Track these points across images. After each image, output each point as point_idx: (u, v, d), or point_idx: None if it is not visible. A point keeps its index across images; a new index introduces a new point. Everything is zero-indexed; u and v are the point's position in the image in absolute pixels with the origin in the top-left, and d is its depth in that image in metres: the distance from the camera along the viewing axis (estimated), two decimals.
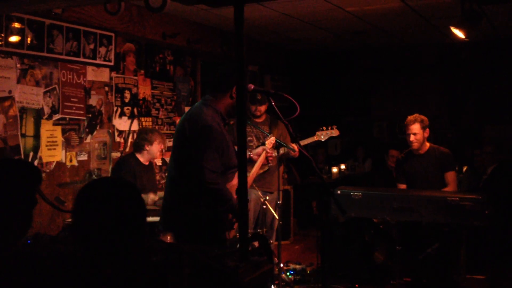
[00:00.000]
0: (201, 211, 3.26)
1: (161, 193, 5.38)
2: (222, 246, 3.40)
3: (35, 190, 2.05)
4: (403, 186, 5.18)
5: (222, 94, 3.34)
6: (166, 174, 3.57)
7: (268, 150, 3.96)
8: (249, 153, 3.91)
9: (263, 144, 5.40)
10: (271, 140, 4.28)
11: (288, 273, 5.28)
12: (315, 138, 5.20)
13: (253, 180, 5.17)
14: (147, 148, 4.85)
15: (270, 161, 3.99)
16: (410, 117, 5.09)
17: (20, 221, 1.99)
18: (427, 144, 5.12)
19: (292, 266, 5.51)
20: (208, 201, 3.24)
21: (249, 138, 5.47)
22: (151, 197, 4.85)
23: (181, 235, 3.18)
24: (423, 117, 5.07)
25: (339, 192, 4.71)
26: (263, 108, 5.45)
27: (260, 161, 3.83)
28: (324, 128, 5.27)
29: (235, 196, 3.38)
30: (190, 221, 3.27)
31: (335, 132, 5.22)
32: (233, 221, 3.48)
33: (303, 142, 4.85)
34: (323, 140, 5.30)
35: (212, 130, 3.21)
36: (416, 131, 5.01)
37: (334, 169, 8.26)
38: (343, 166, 8.53)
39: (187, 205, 3.28)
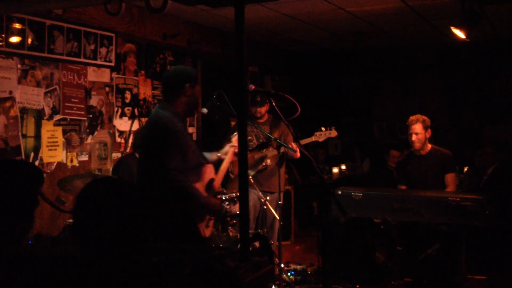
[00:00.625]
0: (169, 211, 3.28)
1: None
2: (202, 244, 3.41)
3: (37, 191, 2.05)
4: (403, 187, 5.18)
5: (175, 96, 3.40)
6: None
7: (235, 145, 3.97)
8: (218, 154, 3.95)
9: (263, 145, 5.42)
10: (237, 137, 4.27)
11: (288, 274, 5.28)
12: (313, 139, 5.19)
13: (253, 180, 5.20)
14: None
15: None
16: (412, 117, 5.09)
17: (22, 222, 1.99)
18: (429, 145, 5.12)
19: (292, 266, 5.51)
20: (175, 200, 3.27)
21: (249, 137, 5.48)
22: None
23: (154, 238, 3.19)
24: (425, 117, 5.07)
25: (339, 192, 4.70)
26: (263, 109, 5.47)
27: (228, 158, 3.86)
28: (323, 129, 5.26)
29: (205, 194, 3.43)
30: (160, 222, 3.28)
31: (333, 133, 5.21)
32: (207, 218, 3.49)
33: (301, 143, 4.85)
34: (320, 141, 5.28)
35: (171, 131, 3.27)
36: (418, 131, 5.01)
37: (335, 170, 8.26)
38: (343, 167, 8.53)
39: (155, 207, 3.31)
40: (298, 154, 5.11)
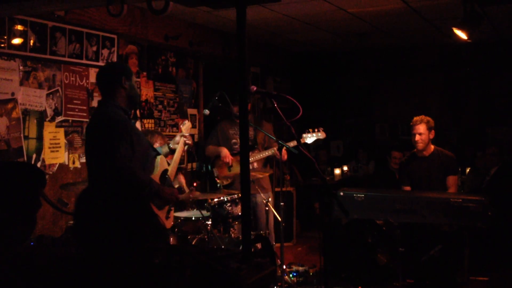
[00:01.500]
0: (122, 201, 3.25)
1: None
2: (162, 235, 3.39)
3: (39, 193, 2.05)
4: (407, 188, 5.18)
5: (113, 90, 3.40)
6: None
7: (186, 135, 3.98)
8: (169, 144, 3.96)
9: (250, 147, 5.41)
10: (187, 126, 4.29)
11: (290, 275, 5.27)
12: (301, 141, 5.17)
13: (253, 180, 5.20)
14: None
15: (189, 145, 4.03)
16: (416, 118, 5.09)
17: (24, 224, 1.99)
18: (432, 147, 5.12)
19: (294, 267, 5.50)
20: (125, 189, 3.20)
21: (233, 140, 5.46)
22: None
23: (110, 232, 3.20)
24: (429, 118, 5.07)
25: (341, 193, 4.70)
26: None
27: (180, 148, 3.89)
28: (310, 130, 5.22)
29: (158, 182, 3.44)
30: (115, 214, 3.27)
31: (321, 135, 5.19)
32: (166, 209, 3.49)
33: (289, 145, 4.82)
34: (309, 143, 5.26)
35: (115, 121, 3.26)
36: (422, 131, 5.01)
37: (337, 171, 8.26)
38: (345, 168, 8.53)
39: (106, 199, 3.28)
40: (285, 157, 5.09)
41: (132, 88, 3.46)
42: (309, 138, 5.20)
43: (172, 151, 4.03)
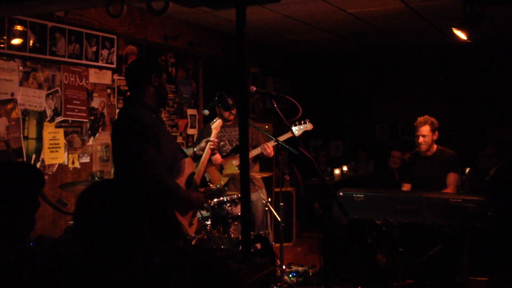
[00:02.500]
0: (147, 207, 3.19)
1: None
2: (185, 242, 3.35)
3: (37, 193, 2.05)
4: (407, 186, 5.17)
5: (141, 87, 3.28)
6: None
7: (211, 140, 3.88)
8: (194, 149, 3.88)
9: (238, 148, 5.41)
10: (217, 124, 4.22)
11: (290, 275, 5.27)
12: (289, 134, 5.16)
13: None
14: None
15: (214, 152, 3.96)
16: (420, 119, 5.07)
17: (23, 224, 1.99)
18: (434, 146, 5.12)
19: (294, 268, 5.51)
20: (151, 195, 3.10)
21: (222, 143, 5.45)
22: None
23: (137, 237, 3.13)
24: (433, 119, 5.04)
25: (341, 194, 4.70)
26: (235, 110, 5.40)
27: (205, 153, 3.79)
28: (297, 123, 5.20)
29: (185, 188, 3.33)
30: (139, 220, 3.20)
31: (309, 126, 5.17)
32: (190, 215, 3.41)
33: (281, 139, 4.81)
34: (297, 135, 5.23)
35: (142, 123, 3.14)
36: (426, 133, 5.00)
37: (336, 171, 8.26)
38: (345, 168, 8.53)
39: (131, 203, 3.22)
40: (272, 154, 5.11)
41: (162, 86, 3.32)
42: (297, 131, 5.18)
43: (196, 157, 3.91)
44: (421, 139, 5.01)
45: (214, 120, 4.62)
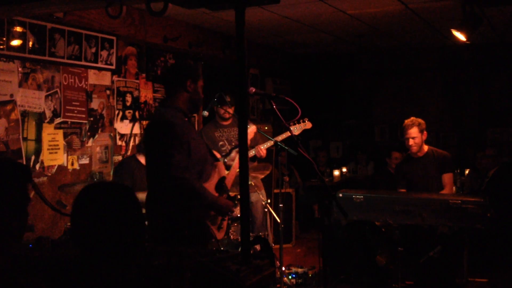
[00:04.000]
0: (175, 210, 3.18)
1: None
2: (217, 247, 3.36)
3: (26, 187, 2.06)
4: (402, 191, 5.18)
5: (176, 93, 3.32)
6: None
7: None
8: (225, 160, 3.89)
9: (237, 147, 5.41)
10: (251, 130, 4.21)
11: (290, 277, 5.27)
12: (288, 133, 5.16)
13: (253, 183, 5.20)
14: None
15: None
16: (407, 121, 5.11)
17: (16, 220, 2.00)
18: (425, 147, 5.15)
19: (294, 269, 5.50)
20: (178, 198, 3.16)
21: (220, 143, 5.45)
22: (139, 196, 4.86)
23: (163, 241, 3.11)
24: (420, 120, 5.09)
25: (340, 195, 4.70)
26: (232, 110, 5.40)
27: (236, 163, 3.76)
28: (296, 122, 5.20)
29: (215, 193, 3.34)
30: (167, 223, 3.19)
31: (308, 125, 5.18)
32: (219, 220, 3.41)
33: (279, 138, 4.81)
34: (296, 133, 5.22)
35: (172, 126, 3.18)
36: (415, 135, 5.03)
37: (336, 172, 8.26)
38: (344, 169, 8.53)
39: (161, 207, 3.20)
40: (264, 153, 5.09)
41: (196, 92, 3.35)
42: (296, 130, 5.19)
43: (227, 167, 3.90)
44: (411, 142, 5.05)
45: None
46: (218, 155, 3.71)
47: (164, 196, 3.20)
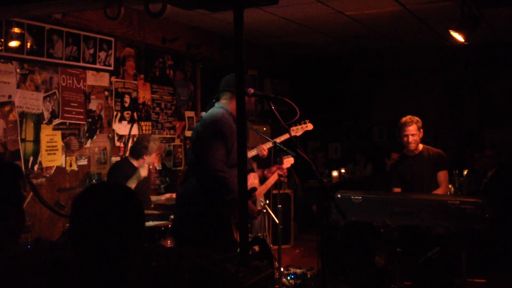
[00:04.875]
0: (204, 208, 3.32)
1: (155, 197, 5.38)
2: (234, 248, 3.40)
3: (18, 185, 2.07)
4: (397, 190, 5.19)
5: (231, 98, 3.53)
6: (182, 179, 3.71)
7: (284, 168, 4.07)
8: (265, 171, 4.01)
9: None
10: (289, 160, 4.33)
11: (288, 278, 5.27)
12: (287, 136, 5.17)
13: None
14: (145, 157, 4.93)
15: (282, 179, 4.11)
16: (405, 119, 5.13)
17: (14, 217, 2.00)
18: (421, 145, 5.17)
19: (292, 270, 5.50)
20: (213, 189, 3.32)
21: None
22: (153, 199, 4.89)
23: (188, 238, 3.22)
24: (417, 118, 5.14)
25: (339, 196, 4.70)
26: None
27: (273, 177, 3.97)
28: (297, 123, 5.23)
29: None
30: (194, 220, 3.33)
31: (309, 126, 5.20)
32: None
33: (279, 140, 4.85)
34: (298, 135, 5.25)
35: (220, 123, 3.38)
36: (414, 132, 5.06)
37: (334, 173, 8.26)
38: (343, 170, 8.53)
39: (193, 201, 3.37)
40: (266, 153, 5.15)
41: (248, 103, 3.50)
42: (298, 131, 5.21)
43: (264, 179, 4.08)
44: (410, 138, 5.06)
45: (287, 155, 4.56)
46: (254, 165, 3.86)
47: (201, 187, 3.36)
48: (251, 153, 5.33)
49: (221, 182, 3.30)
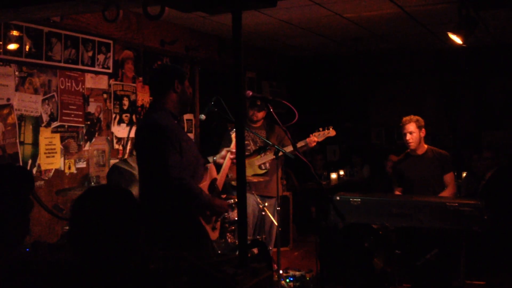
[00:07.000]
0: (171, 211, 3.19)
1: None
2: (209, 249, 3.37)
3: (28, 193, 2.04)
4: (399, 190, 5.18)
5: (164, 93, 3.31)
6: None
7: (233, 150, 3.84)
8: (214, 158, 3.90)
9: (261, 149, 5.43)
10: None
11: (287, 280, 5.27)
12: (303, 143, 5.20)
13: (252, 185, 5.20)
14: None
15: (234, 161, 3.97)
16: (405, 118, 5.13)
17: (20, 225, 1.99)
18: (425, 146, 5.14)
19: (291, 272, 5.50)
20: (176, 199, 3.17)
21: (246, 142, 5.48)
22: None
23: (158, 242, 3.11)
24: (418, 117, 5.11)
25: (338, 198, 4.70)
26: (260, 114, 5.48)
27: (226, 162, 3.73)
28: (321, 129, 5.27)
29: (208, 193, 3.34)
30: (162, 225, 3.18)
31: (331, 132, 5.22)
32: (213, 220, 3.40)
33: (299, 144, 4.85)
34: (320, 140, 5.29)
35: (163, 128, 3.17)
36: (412, 130, 5.03)
37: (333, 175, 8.26)
38: (341, 172, 8.53)
39: (156, 208, 3.20)
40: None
41: (184, 92, 3.35)
42: (320, 137, 5.25)
43: (217, 166, 3.87)
44: (408, 136, 5.04)
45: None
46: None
47: (162, 198, 3.20)
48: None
49: (181, 190, 3.14)
